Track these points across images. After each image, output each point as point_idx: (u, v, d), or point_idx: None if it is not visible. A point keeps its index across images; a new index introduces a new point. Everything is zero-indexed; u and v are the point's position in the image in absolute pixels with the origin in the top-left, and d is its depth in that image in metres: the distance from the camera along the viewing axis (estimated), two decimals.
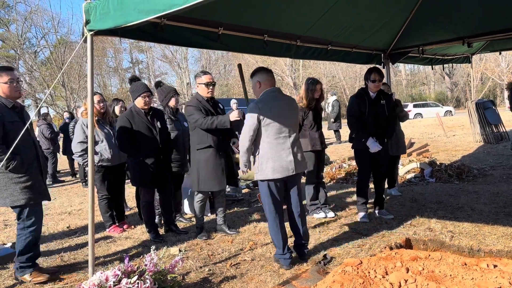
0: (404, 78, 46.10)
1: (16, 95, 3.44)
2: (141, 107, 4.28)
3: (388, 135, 4.65)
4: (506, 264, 2.24)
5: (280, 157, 3.30)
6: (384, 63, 6.10)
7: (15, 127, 3.27)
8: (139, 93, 4.24)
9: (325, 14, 4.25)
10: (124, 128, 4.19)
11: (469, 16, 5.09)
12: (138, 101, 4.26)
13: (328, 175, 7.36)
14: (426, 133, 14.63)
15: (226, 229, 4.45)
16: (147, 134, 4.24)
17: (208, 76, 4.15)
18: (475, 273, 2.11)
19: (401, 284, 2.09)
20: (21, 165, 3.32)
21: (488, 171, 6.73)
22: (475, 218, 4.34)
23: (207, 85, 4.11)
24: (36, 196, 3.46)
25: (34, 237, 3.47)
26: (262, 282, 3.16)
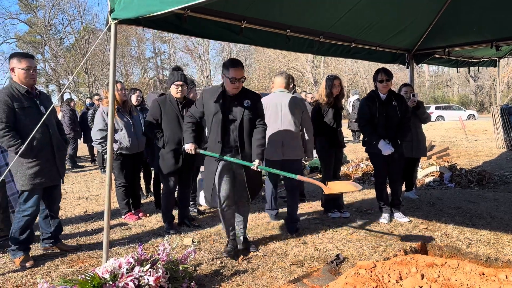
0: (428, 79, 45.15)
1: (30, 83, 3.51)
2: (174, 95, 4.30)
3: (401, 136, 4.54)
4: None
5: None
6: (408, 63, 5.98)
7: (26, 112, 3.35)
8: (172, 81, 4.27)
9: (350, 11, 4.18)
10: (153, 111, 4.30)
11: (499, 18, 4.93)
12: (172, 89, 4.30)
13: (344, 174, 7.29)
14: (447, 137, 14.32)
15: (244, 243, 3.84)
16: (173, 123, 4.25)
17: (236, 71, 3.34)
18: (493, 284, 2.04)
19: None
20: (30, 150, 3.38)
21: (510, 179, 6.56)
22: (494, 226, 4.23)
23: (232, 81, 3.36)
24: (43, 181, 3.54)
25: (26, 222, 3.52)
26: (273, 278, 3.16)
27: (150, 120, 4.32)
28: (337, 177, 5.02)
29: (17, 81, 3.46)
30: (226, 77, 3.36)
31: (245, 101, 3.44)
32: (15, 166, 3.42)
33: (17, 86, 3.46)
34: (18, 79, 3.45)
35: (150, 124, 4.32)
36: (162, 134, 4.27)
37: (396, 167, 4.56)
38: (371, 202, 5.40)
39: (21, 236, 3.55)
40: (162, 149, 4.29)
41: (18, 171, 3.45)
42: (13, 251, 3.57)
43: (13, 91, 3.42)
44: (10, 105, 3.36)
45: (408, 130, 4.70)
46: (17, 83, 3.46)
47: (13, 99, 3.38)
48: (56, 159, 3.64)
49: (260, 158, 3.41)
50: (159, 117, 4.28)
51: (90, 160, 10.76)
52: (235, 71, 3.31)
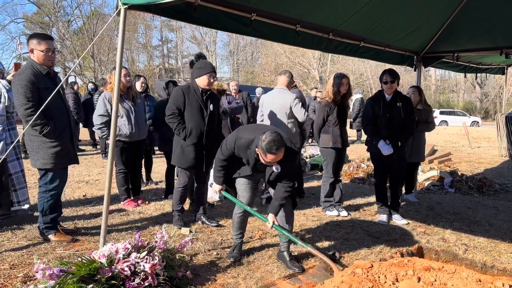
0: (434, 83, 44.97)
1: (49, 64, 3.53)
2: (203, 86, 4.04)
3: (403, 138, 4.52)
4: None
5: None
6: (416, 66, 5.94)
7: (49, 93, 3.31)
8: (207, 72, 4.00)
9: (361, 9, 4.13)
10: (176, 100, 4.03)
11: (509, 26, 4.88)
12: (203, 79, 4.01)
13: (345, 174, 7.29)
14: (450, 142, 14.28)
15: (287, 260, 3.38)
16: (197, 114, 4.02)
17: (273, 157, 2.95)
18: None
19: None
20: (54, 130, 3.45)
21: (511, 187, 6.54)
22: (492, 233, 4.23)
23: (268, 163, 3.07)
24: (65, 160, 3.64)
25: (55, 200, 3.64)
26: (268, 272, 3.17)
27: (173, 109, 4.02)
28: (338, 176, 5.03)
29: (37, 61, 3.46)
30: (262, 158, 2.99)
31: (276, 166, 3.10)
32: (36, 145, 3.49)
33: (38, 66, 3.46)
34: (37, 60, 3.46)
35: (172, 114, 4.03)
36: (184, 125, 4.02)
37: (396, 169, 4.55)
38: (370, 203, 5.40)
39: (53, 214, 3.67)
40: (183, 142, 4.04)
41: (40, 150, 3.50)
42: (46, 228, 3.66)
43: (36, 70, 3.43)
44: (36, 85, 3.38)
45: (411, 133, 4.68)
46: (37, 63, 3.46)
47: (37, 78, 3.40)
48: (73, 140, 3.70)
49: (275, 213, 3.22)
50: (183, 107, 4.03)
51: (91, 144, 10.77)
52: (274, 157, 2.92)
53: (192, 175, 4.21)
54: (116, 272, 2.51)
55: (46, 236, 3.66)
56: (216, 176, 3.48)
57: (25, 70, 3.42)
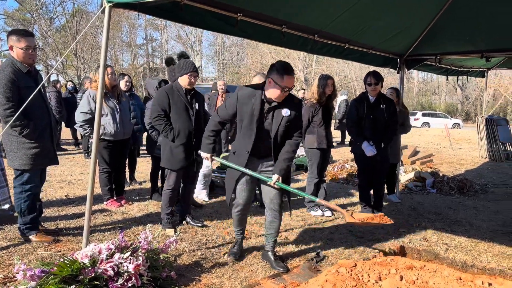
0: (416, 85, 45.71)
1: (30, 62, 3.44)
2: (184, 86, 4.00)
3: (386, 139, 4.59)
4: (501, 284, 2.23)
5: None
6: (399, 68, 6.03)
7: (30, 92, 3.22)
8: (187, 71, 3.95)
9: (346, 12, 4.18)
10: (160, 101, 3.98)
11: (490, 30, 5.00)
12: (184, 78, 3.97)
13: (329, 174, 7.35)
14: (432, 143, 14.54)
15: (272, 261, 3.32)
16: (184, 114, 3.98)
17: (290, 80, 2.98)
18: None
19: None
20: (34, 131, 3.38)
21: (490, 188, 6.69)
22: (472, 233, 4.32)
23: (283, 89, 2.99)
24: (44, 161, 3.57)
25: (31, 200, 3.55)
26: (253, 272, 3.17)
27: (158, 110, 3.97)
28: (322, 177, 5.07)
29: (17, 59, 3.37)
30: (276, 84, 2.93)
31: (285, 110, 3.05)
32: (15, 145, 3.39)
33: (18, 64, 3.36)
34: (17, 57, 3.36)
35: (158, 116, 3.98)
36: (171, 127, 3.97)
37: (379, 170, 4.61)
38: (354, 203, 5.46)
39: (31, 214, 3.58)
40: (171, 143, 3.98)
41: (18, 150, 3.40)
42: (27, 229, 3.58)
43: (16, 69, 3.33)
44: (16, 83, 3.28)
45: (394, 134, 4.76)
46: (18, 61, 3.37)
47: (17, 77, 3.30)
48: (53, 140, 3.62)
49: (282, 174, 3.08)
50: (168, 108, 3.98)
51: (73, 143, 10.60)
52: (290, 80, 2.93)
53: (181, 176, 4.14)
54: (99, 273, 2.48)
55: (27, 237, 3.59)
56: (205, 144, 3.33)
57: (4, 68, 3.32)
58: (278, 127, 3.07)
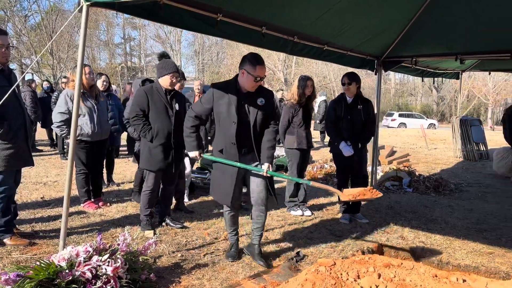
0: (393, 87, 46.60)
1: (3, 61, 3.35)
2: (166, 86, 3.96)
3: (362, 140, 4.64)
4: (474, 280, 2.30)
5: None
6: (377, 70, 6.14)
7: (4, 91, 3.14)
8: (169, 72, 3.92)
9: (325, 14, 4.23)
10: (139, 101, 3.93)
11: (464, 33, 5.16)
12: (165, 79, 3.93)
13: (309, 174, 7.41)
14: (408, 143, 14.85)
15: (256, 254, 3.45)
16: (163, 114, 3.93)
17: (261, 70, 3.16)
18: (445, 286, 2.16)
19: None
20: (8, 132, 3.29)
21: (465, 187, 6.89)
22: (447, 231, 4.43)
23: (256, 79, 3.16)
24: (19, 163, 3.48)
25: (6, 203, 3.46)
26: (233, 273, 3.17)
27: (136, 110, 3.92)
28: (302, 177, 5.11)
29: None
30: (250, 74, 3.11)
31: (259, 99, 3.23)
32: None
33: None
34: None
35: (136, 115, 3.92)
36: (150, 127, 3.92)
37: (357, 170, 4.67)
38: (333, 202, 5.52)
39: (6, 217, 3.49)
40: (150, 143, 3.93)
41: None
42: (1, 233, 3.49)
43: None
44: None
45: (371, 134, 4.83)
46: None
47: None
48: (28, 141, 3.52)
49: (270, 161, 3.23)
50: (147, 108, 3.93)
51: (49, 144, 10.36)
52: (262, 70, 3.13)
53: (160, 177, 4.10)
54: (76, 276, 2.44)
55: (1, 240, 3.49)
56: (189, 142, 3.35)
57: None
58: (256, 116, 3.23)
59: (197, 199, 5.49)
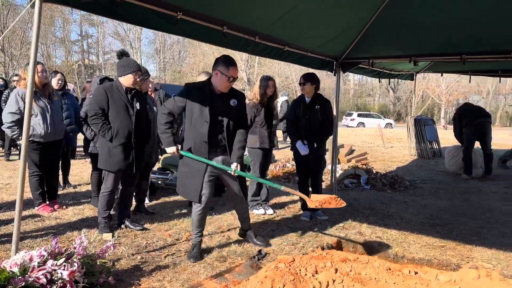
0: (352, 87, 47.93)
1: None
2: (128, 85, 3.87)
3: (318, 139, 4.68)
4: (426, 272, 2.43)
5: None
6: (336, 71, 6.30)
7: None
8: (132, 70, 3.83)
9: (285, 15, 4.30)
10: (98, 99, 3.81)
11: (417, 36, 5.39)
12: (127, 78, 3.84)
13: (271, 173, 7.49)
14: (366, 142, 15.32)
15: (253, 238, 3.85)
16: (123, 113, 3.83)
17: (234, 71, 3.37)
18: (398, 278, 2.27)
19: (329, 284, 2.20)
20: None
21: (419, 184, 7.20)
22: (402, 226, 4.62)
23: (229, 79, 3.35)
24: None
25: None
26: (194, 273, 3.16)
27: (95, 109, 3.80)
28: (265, 176, 5.16)
29: None
30: (223, 75, 3.29)
31: (232, 100, 3.40)
32: None
33: None
34: None
35: (95, 114, 3.81)
36: (109, 126, 3.82)
37: (313, 168, 4.76)
38: (295, 200, 5.61)
39: None
40: (109, 143, 3.82)
41: None
42: None
43: None
44: None
45: (328, 134, 4.88)
46: None
47: None
48: None
49: (239, 161, 3.41)
50: (106, 107, 3.82)
51: (1, 145, 9.83)
52: (235, 71, 3.31)
53: (119, 178, 4.00)
54: (30, 282, 2.34)
55: None
56: (165, 139, 3.40)
57: None
58: (229, 116, 3.38)
59: (158, 200, 5.41)
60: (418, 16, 4.96)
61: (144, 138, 4.08)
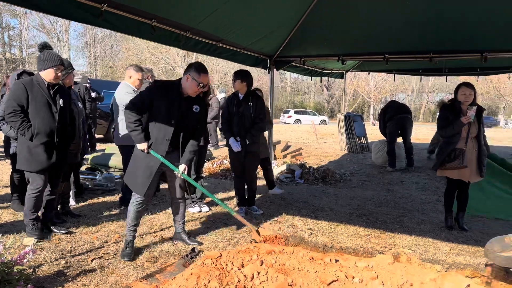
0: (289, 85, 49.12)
1: None
2: (49, 80, 3.62)
3: (249, 136, 4.68)
4: (346, 259, 2.56)
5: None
6: (269, 69, 6.41)
7: None
8: (53, 65, 3.59)
9: (217, 10, 4.29)
10: (17, 95, 3.52)
11: (345, 36, 5.66)
12: (48, 72, 3.59)
13: (208, 170, 7.45)
14: (302, 138, 15.78)
15: (186, 239, 3.80)
16: (44, 110, 3.59)
17: (205, 77, 3.45)
18: (319, 267, 2.36)
19: (254, 276, 2.24)
20: None
21: (348, 177, 7.55)
22: (332, 217, 4.82)
23: (199, 85, 3.42)
24: None
25: None
26: (123, 276, 3.04)
27: (14, 106, 3.54)
28: (200, 173, 5.11)
29: None
30: (194, 80, 3.37)
31: (195, 106, 3.50)
32: None
33: None
34: None
35: (13, 111, 3.54)
36: (29, 124, 3.56)
37: (247, 164, 4.81)
38: (231, 197, 5.63)
39: None
40: (29, 143, 3.58)
41: None
42: None
43: None
44: None
45: (260, 130, 4.89)
46: None
47: None
48: None
49: (188, 164, 3.53)
50: (25, 103, 3.56)
51: None
52: (205, 77, 3.42)
53: (45, 178, 3.71)
54: None
55: None
56: (135, 136, 3.38)
57: None
58: (189, 120, 3.48)
59: (85, 202, 5.14)
60: (345, 17, 5.20)
61: (68, 136, 3.86)
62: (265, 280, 2.20)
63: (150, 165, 3.41)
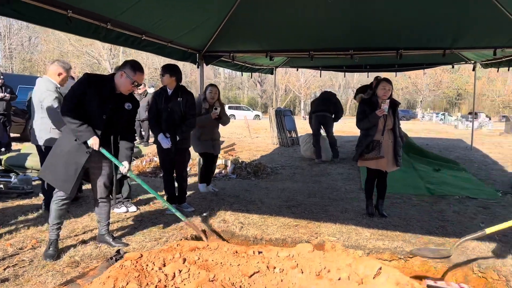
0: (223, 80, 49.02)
1: None
2: None
3: (179, 132, 4.58)
4: (269, 250, 2.62)
5: None
6: (199, 63, 6.33)
7: None
8: None
9: (140, 1, 4.12)
10: None
11: (272, 33, 5.75)
12: None
13: (137, 169, 7.21)
14: (235, 133, 15.86)
15: (111, 241, 3.63)
16: None
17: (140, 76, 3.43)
18: (242, 260, 2.39)
19: (175, 275, 2.21)
20: None
21: (279, 170, 7.73)
22: (263, 210, 4.90)
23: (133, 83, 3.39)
24: None
25: None
26: (40, 283, 2.84)
27: None
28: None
29: None
30: (128, 77, 3.34)
31: (127, 103, 3.48)
32: None
33: None
34: None
35: None
36: None
37: (177, 161, 4.72)
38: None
39: None
40: None
41: None
42: None
43: None
44: None
45: (190, 126, 4.78)
46: None
47: None
48: None
49: (129, 161, 3.54)
50: None
51: None
52: (141, 76, 3.41)
53: None
54: None
55: None
56: (84, 133, 3.24)
57: None
58: (121, 117, 3.45)
59: None
60: (271, 14, 5.27)
61: None
62: (186, 277, 2.18)
63: (75, 160, 3.29)
